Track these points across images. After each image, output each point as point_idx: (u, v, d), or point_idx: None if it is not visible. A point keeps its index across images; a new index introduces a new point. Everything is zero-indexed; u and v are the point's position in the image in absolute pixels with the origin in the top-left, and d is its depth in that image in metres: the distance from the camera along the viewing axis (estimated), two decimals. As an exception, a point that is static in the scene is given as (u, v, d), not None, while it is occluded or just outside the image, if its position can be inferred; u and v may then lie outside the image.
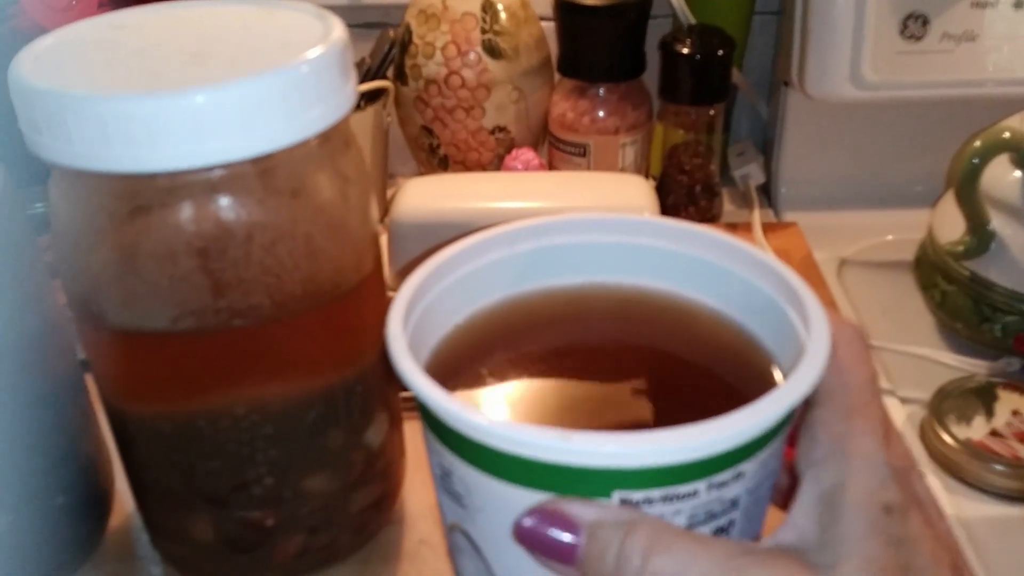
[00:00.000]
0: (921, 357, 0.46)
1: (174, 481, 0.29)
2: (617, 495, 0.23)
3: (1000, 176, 0.45)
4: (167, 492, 0.30)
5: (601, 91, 0.57)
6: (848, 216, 0.60)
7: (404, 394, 0.34)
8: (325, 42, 0.26)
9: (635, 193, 0.48)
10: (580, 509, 0.22)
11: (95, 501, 0.33)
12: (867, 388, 0.24)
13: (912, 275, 0.52)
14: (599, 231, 0.31)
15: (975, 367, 0.45)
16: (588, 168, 0.58)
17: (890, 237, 0.58)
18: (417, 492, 0.35)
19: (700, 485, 0.23)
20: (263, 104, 0.24)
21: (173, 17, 0.29)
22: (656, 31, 0.56)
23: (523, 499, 0.23)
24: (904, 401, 0.45)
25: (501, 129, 0.59)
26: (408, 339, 0.26)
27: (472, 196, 0.48)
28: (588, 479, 0.23)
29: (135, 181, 0.25)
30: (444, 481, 0.26)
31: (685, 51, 0.54)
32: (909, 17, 0.52)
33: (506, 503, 0.24)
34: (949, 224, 0.47)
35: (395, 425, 0.33)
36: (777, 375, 0.27)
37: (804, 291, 0.27)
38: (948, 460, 0.41)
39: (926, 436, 0.43)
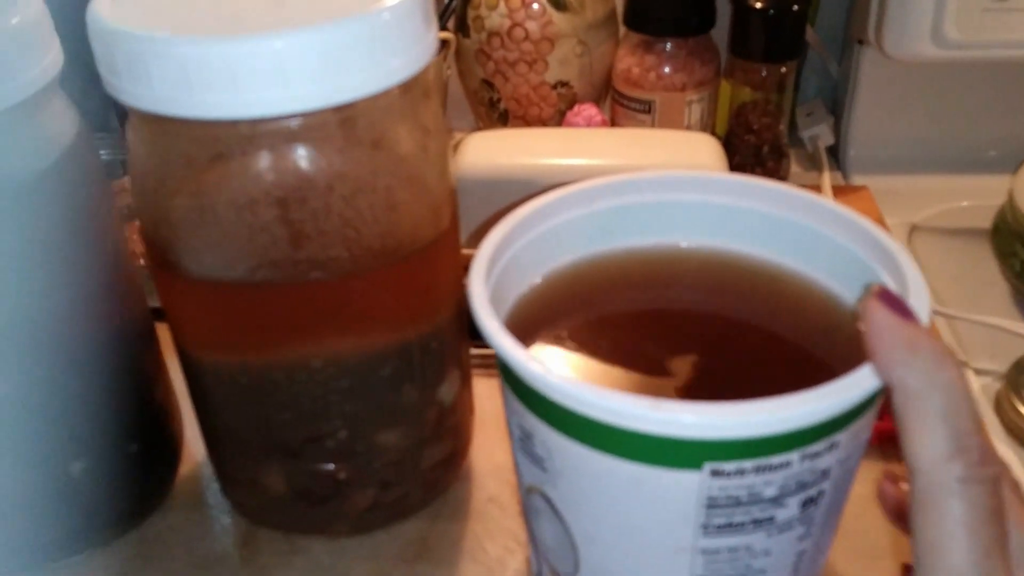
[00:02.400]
0: (997, 327, 0.44)
1: (248, 431, 0.29)
2: (708, 466, 0.22)
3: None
4: (240, 442, 0.30)
5: (668, 46, 0.55)
6: (920, 180, 0.58)
7: (474, 352, 0.34)
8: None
9: (704, 152, 0.47)
10: None
11: (166, 449, 0.33)
12: None
13: (988, 243, 0.50)
14: (680, 189, 0.30)
15: (1055, 339, 0.44)
16: (652, 125, 0.56)
17: (965, 203, 0.56)
18: (484, 451, 0.35)
19: (794, 456, 0.22)
20: (346, 51, 0.24)
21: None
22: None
23: (609, 466, 0.23)
24: (978, 373, 0.44)
25: (564, 84, 0.57)
26: (488, 297, 0.25)
27: (537, 152, 0.47)
28: (679, 449, 0.22)
29: (216, 128, 0.24)
30: (524, 443, 0.25)
31: (759, 5, 0.52)
32: (997, -28, 0.50)
33: (590, 469, 0.23)
34: (1032, 189, 0.46)
35: (466, 383, 0.32)
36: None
37: (900, 253, 0.26)
38: (1026, 434, 0.40)
39: (1002, 409, 0.41)
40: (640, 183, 0.30)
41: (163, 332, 0.31)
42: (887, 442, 0.33)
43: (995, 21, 0.50)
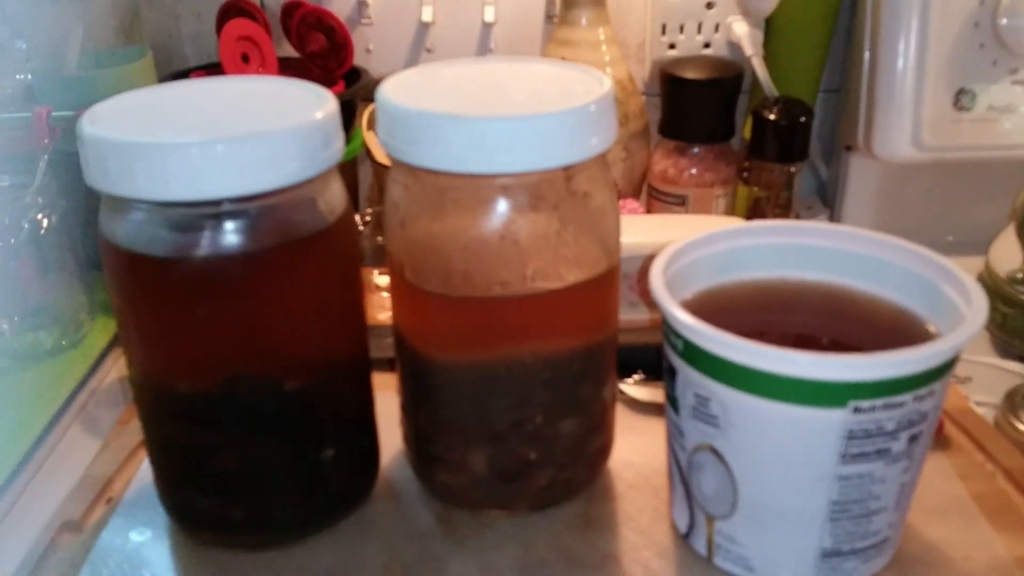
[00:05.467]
0: (991, 365, 0.55)
1: (466, 418, 0.37)
2: (852, 404, 0.31)
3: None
4: (457, 429, 0.38)
5: (696, 150, 0.67)
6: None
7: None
8: (600, 92, 0.35)
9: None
10: None
11: (376, 448, 0.41)
12: None
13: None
14: (778, 235, 0.41)
15: (1036, 375, 0.55)
16: (687, 215, 0.68)
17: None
18: (616, 454, 0.43)
19: (907, 397, 0.32)
20: (570, 130, 0.34)
21: (490, 69, 0.38)
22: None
23: (775, 411, 0.32)
24: (979, 404, 0.54)
25: (610, 182, 0.68)
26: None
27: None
28: (832, 391, 0.31)
29: (480, 179, 0.34)
30: (698, 409, 0.34)
31: (772, 117, 0.65)
32: (960, 92, 0.63)
33: (760, 416, 0.33)
34: (1006, 256, 0.58)
35: (615, 389, 0.41)
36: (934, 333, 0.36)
37: (961, 272, 0.36)
38: None
39: (1002, 431, 0.52)
40: (748, 231, 0.40)
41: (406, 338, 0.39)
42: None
43: (961, 129, 0.64)
